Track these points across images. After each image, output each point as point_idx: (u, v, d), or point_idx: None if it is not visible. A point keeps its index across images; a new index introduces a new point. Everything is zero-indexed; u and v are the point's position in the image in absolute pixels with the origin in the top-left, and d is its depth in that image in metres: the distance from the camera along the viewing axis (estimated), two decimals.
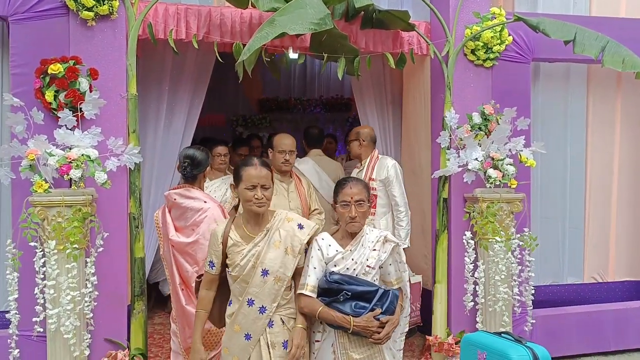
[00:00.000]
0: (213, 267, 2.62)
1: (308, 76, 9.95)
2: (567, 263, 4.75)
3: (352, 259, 2.59)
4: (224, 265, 2.64)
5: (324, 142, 5.59)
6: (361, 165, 4.33)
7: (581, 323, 4.47)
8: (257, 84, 9.07)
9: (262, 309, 2.56)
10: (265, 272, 2.54)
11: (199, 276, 2.74)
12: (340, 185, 2.69)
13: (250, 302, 2.55)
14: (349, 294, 2.51)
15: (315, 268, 2.59)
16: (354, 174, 4.34)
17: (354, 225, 2.60)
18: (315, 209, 4.00)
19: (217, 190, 4.29)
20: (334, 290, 2.54)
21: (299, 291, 2.58)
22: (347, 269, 2.58)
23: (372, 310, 2.52)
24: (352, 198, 2.59)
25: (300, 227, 2.65)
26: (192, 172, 3.35)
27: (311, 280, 2.57)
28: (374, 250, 2.61)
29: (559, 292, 4.70)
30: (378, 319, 2.51)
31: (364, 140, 4.31)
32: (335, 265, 2.59)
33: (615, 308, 4.61)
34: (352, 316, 2.50)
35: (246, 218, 2.62)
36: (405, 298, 2.71)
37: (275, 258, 2.56)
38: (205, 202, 3.28)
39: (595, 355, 4.47)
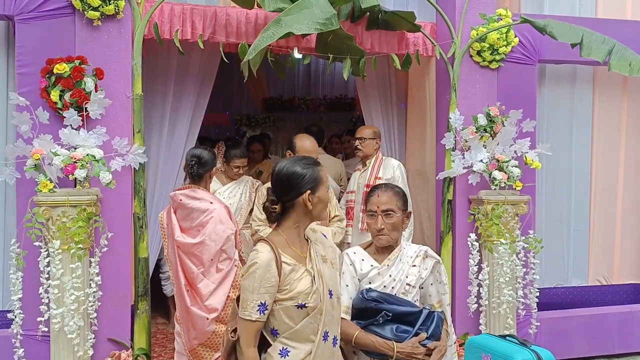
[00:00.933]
0: (264, 312, 1.88)
1: (312, 76, 9.96)
2: (572, 265, 4.73)
3: (390, 276, 2.31)
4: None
5: (325, 140, 5.60)
6: (365, 165, 4.29)
7: (586, 326, 4.45)
8: (261, 83, 9.07)
9: (335, 341, 2.03)
10: (330, 294, 1.99)
11: (234, 332, 1.98)
12: (369, 193, 2.43)
13: (325, 336, 1.97)
14: (390, 315, 2.22)
15: (347, 286, 2.29)
16: (356, 175, 4.30)
17: (380, 238, 2.33)
18: (335, 216, 3.72)
19: (231, 196, 4.33)
20: (371, 310, 2.24)
21: None
22: (384, 286, 2.29)
23: (417, 334, 2.22)
24: (378, 207, 2.32)
25: (325, 236, 2.17)
26: (199, 172, 3.34)
27: (344, 299, 2.24)
28: (414, 266, 2.35)
29: (564, 295, 4.68)
30: (424, 345, 2.21)
31: (379, 141, 4.29)
32: (370, 283, 2.31)
33: (620, 311, 4.59)
34: (395, 341, 2.21)
35: (291, 236, 2.01)
36: (449, 324, 2.42)
37: (331, 274, 2.04)
38: (211, 202, 3.28)
39: (599, 358, 4.45)
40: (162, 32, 3.74)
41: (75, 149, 3.30)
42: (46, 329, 3.30)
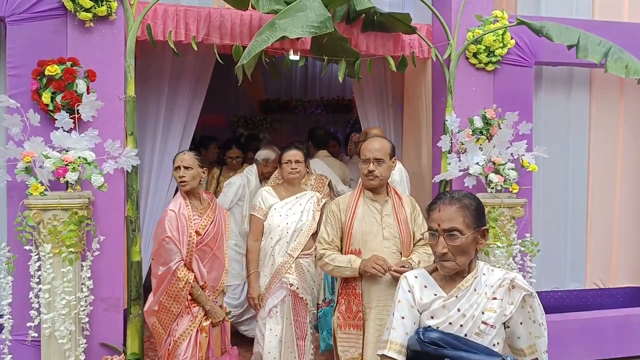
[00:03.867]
0: None
1: (309, 77, 9.93)
2: (569, 269, 4.70)
3: (458, 310, 1.83)
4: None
5: (330, 142, 5.55)
6: None
7: (583, 329, 4.42)
8: (258, 85, 9.04)
9: None
10: None
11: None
12: (430, 205, 1.94)
13: None
14: None
15: (403, 318, 1.86)
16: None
17: (444, 265, 1.84)
18: (421, 238, 3.00)
19: (289, 214, 3.57)
20: (429, 355, 1.78)
21: (379, 351, 1.89)
22: (450, 324, 1.82)
23: None
24: (439, 225, 1.84)
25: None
26: None
27: (397, 335, 1.85)
28: (494, 299, 1.84)
29: (561, 298, 4.65)
30: None
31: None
32: (432, 317, 1.85)
33: (617, 314, 4.56)
34: None
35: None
36: None
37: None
38: (169, 205, 3.25)
39: None
40: (155, 34, 3.70)
41: (67, 151, 3.27)
42: (36, 334, 3.26)
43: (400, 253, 2.85)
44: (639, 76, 3.60)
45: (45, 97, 3.36)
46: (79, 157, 3.24)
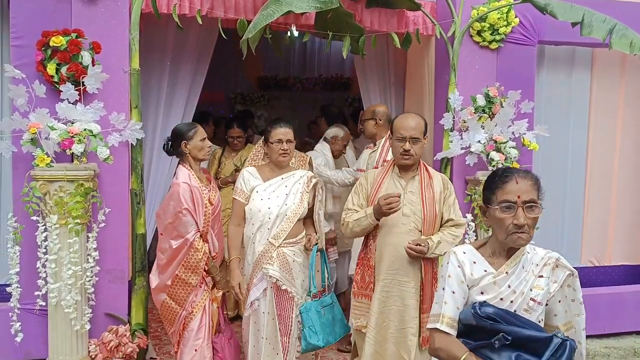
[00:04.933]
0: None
1: (308, 54, 9.86)
2: (566, 246, 4.77)
3: (509, 286, 1.85)
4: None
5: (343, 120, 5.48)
6: (375, 145, 4.18)
7: None
8: (257, 61, 8.99)
9: None
10: None
11: None
12: (499, 178, 1.88)
13: None
14: (509, 338, 1.75)
15: (454, 293, 1.86)
16: (365, 154, 4.22)
17: (520, 237, 1.82)
18: (450, 219, 2.93)
19: (272, 197, 3.22)
20: (484, 329, 1.79)
21: (430, 325, 1.88)
22: (501, 299, 1.84)
23: None
24: (519, 197, 1.81)
25: None
26: (170, 149, 3.32)
27: (449, 309, 1.84)
28: (541, 277, 1.88)
29: None
30: None
31: (380, 120, 4.13)
32: (482, 293, 1.87)
33: (611, 292, 4.65)
34: None
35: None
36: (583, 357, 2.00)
37: None
38: (176, 178, 3.17)
39: (590, 338, 4.51)
40: (160, 6, 3.68)
41: (72, 123, 3.27)
42: (44, 303, 3.31)
43: (420, 232, 2.83)
44: None
45: (50, 69, 3.35)
46: (85, 130, 3.25)
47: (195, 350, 3.08)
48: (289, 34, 4.43)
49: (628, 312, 4.59)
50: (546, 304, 1.89)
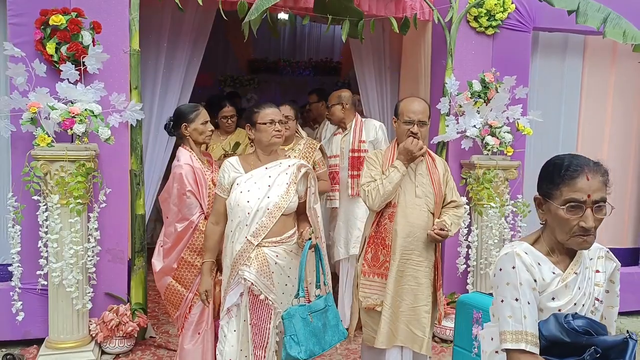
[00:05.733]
0: None
1: (298, 37, 9.83)
2: None
3: (579, 288, 1.64)
4: None
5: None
6: (344, 130, 4.18)
7: None
8: (247, 43, 8.94)
9: None
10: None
11: None
12: (566, 171, 1.62)
13: None
14: (599, 351, 1.53)
15: (529, 304, 1.58)
16: (337, 139, 4.19)
17: (586, 242, 1.60)
18: (452, 201, 2.99)
19: (253, 188, 2.78)
20: (576, 346, 1.55)
21: (511, 345, 1.56)
22: (575, 304, 1.63)
23: None
24: (589, 197, 1.58)
25: None
26: (172, 130, 3.24)
27: (530, 325, 1.56)
28: (598, 272, 1.70)
29: None
30: None
31: (346, 104, 4.14)
32: (553, 299, 1.63)
33: None
34: None
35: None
36: None
37: None
38: (178, 160, 3.08)
39: None
40: None
41: (73, 103, 3.26)
42: (46, 283, 3.32)
43: (432, 213, 2.88)
44: (636, 42, 3.70)
45: (50, 48, 3.33)
46: (86, 110, 3.25)
47: (199, 333, 3.04)
48: (280, 16, 4.38)
49: None
50: None
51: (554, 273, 1.63)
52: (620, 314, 4.71)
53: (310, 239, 2.66)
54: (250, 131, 2.82)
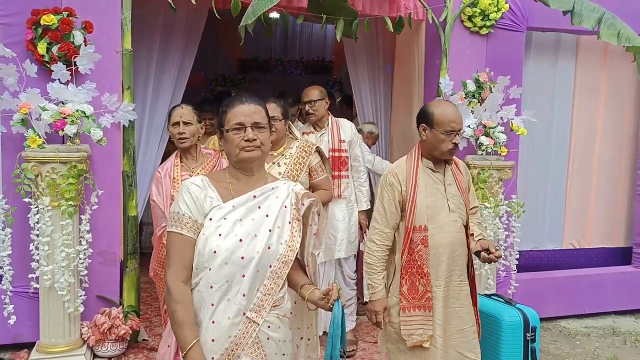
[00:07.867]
0: None
1: (289, 36, 9.80)
2: (548, 230, 4.89)
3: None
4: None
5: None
6: (322, 128, 3.88)
7: (559, 287, 4.64)
8: (238, 42, 8.88)
9: None
10: None
11: None
12: None
13: None
14: None
15: None
16: (312, 139, 3.78)
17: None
18: (474, 207, 2.73)
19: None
20: None
21: None
22: None
23: None
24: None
25: None
26: None
27: None
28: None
29: (539, 257, 4.86)
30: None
31: (327, 101, 3.89)
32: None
33: (591, 273, 4.80)
34: None
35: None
36: None
37: None
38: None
39: (571, 318, 4.66)
40: None
41: (64, 104, 3.22)
42: (37, 286, 3.27)
43: (466, 226, 2.61)
44: (630, 44, 3.70)
45: (41, 48, 3.28)
46: (77, 110, 3.20)
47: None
48: (271, 15, 4.34)
49: (607, 292, 4.75)
50: None
51: None
52: (614, 313, 4.77)
53: (339, 298, 1.85)
54: (220, 141, 1.92)
